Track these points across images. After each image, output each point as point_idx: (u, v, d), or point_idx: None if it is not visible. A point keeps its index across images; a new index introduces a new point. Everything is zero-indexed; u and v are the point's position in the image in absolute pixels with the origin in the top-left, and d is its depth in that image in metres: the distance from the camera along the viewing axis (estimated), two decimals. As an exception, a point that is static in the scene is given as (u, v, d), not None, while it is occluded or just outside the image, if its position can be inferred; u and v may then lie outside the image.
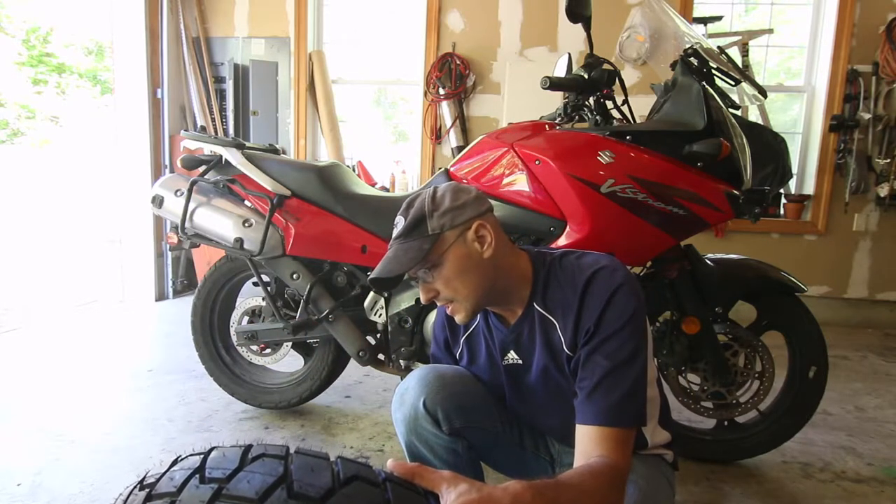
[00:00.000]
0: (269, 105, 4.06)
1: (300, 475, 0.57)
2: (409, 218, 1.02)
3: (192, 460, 0.61)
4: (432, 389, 1.10)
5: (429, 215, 1.01)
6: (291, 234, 1.84)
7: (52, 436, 1.90)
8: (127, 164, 3.79)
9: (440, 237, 1.00)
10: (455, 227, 1.01)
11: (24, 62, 9.96)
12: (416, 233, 1.01)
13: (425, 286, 1.04)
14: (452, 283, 1.01)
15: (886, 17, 3.43)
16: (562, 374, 1.04)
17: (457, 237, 1.01)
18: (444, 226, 1.00)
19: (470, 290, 1.01)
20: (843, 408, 2.32)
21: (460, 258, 1.00)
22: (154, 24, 3.74)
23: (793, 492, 1.69)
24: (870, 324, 3.67)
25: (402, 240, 1.02)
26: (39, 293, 4.07)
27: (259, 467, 0.58)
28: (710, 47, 1.66)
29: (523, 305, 1.06)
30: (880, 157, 3.48)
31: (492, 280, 1.02)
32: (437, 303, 1.05)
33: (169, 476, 0.60)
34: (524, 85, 3.66)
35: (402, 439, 1.14)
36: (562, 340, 1.01)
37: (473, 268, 1.01)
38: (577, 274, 1.01)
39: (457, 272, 1.00)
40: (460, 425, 1.11)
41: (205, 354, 2.15)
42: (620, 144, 1.54)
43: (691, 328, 1.66)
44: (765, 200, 1.66)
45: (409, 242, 1.01)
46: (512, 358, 1.11)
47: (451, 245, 1.00)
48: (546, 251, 1.10)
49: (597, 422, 0.92)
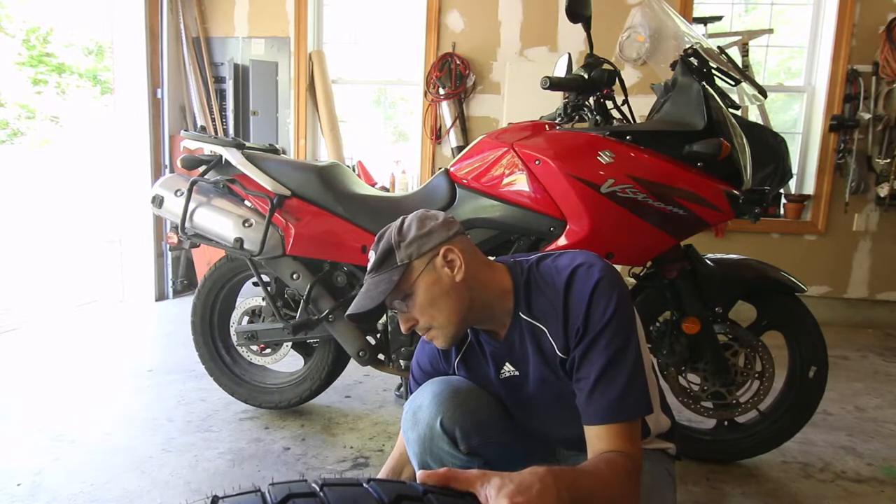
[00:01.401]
0: (269, 105, 4.06)
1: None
2: (378, 252, 1.03)
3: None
4: (449, 407, 1.08)
5: (396, 246, 1.01)
6: (291, 234, 1.84)
7: (52, 436, 1.90)
8: (127, 164, 3.79)
9: (409, 267, 1.00)
10: (422, 256, 1.01)
11: (24, 62, 9.95)
12: (385, 265, 1.01)
13: (403, 316, 1.04)
14: (428, 311, 1.01)
15: (886, 17, 3.43)
16: (559, 379, 1.03)
17: (425, 265, 1.01)
18: (411, 255, 1.01)
19: (446, 316, 1.01)
20: (843, 408, 2.32)
21: (431, 285, 1.00)
22: (154, 24, 3.74)
23: (793, 492, 1.69)
24: (870, 324, 3.67)
25: (374, 274, 1.03)
26: (39, 293, 4.07)
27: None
28: (710, 47, 1.66)
29: (510, 317, 1.05)
30: (880, 157, 3.48)
31: (468, 301, 1.01)
32: (418, 332, 1.05)
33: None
34: (524, 85, 3.66)
35: (414, 459, 1.12)
36: (553, 346, 1.01)
37: (446, 293, 1.00)
38: (555, 277, 1.01)
39: (430, 300, 1.00)
40: (478, 443, 1.09)
41: (205, 354, 2.15)
42: (620, 144, 1.54)
43: (691, 328, 1.66)
44: (765, 200, 1.65)
45: (380, 275, 1.01)
46: (508, 371, 1.10)
47: (420, 273, 1.00)
48: (521, 259, 1.09)
49: (601, 420, 0.92)
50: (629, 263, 1.63)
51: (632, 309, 0.98)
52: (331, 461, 1.79)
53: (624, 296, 0.96)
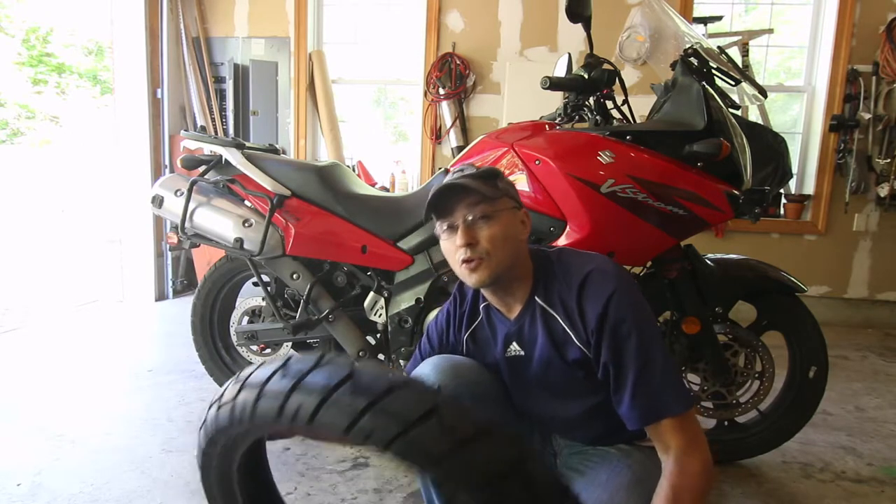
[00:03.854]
0: (269, 105, 4.06)
1: (362, 376, 0.65)
2: (480, 169, 1.11)
3: (276, 363, 0.74)
4: (447, 378, 1.11)
5: (500, 177, 1.11)
6: (291, 234, 1.84)
7: (52, 436, 1.90)
8: (127, 164, 3.78)
9: (503, 198, 1.09)
10: (513, 199, 1.11)
11: (24, 62, 9.95)
12: (489, 181, 1.08)
13: (467, 231, 1.07)
14: (495, 241, 1.06)
15: (886, 17, 3.42)
16: (565, 363, 1.07)
17: (511, 208, 1.10)
18: (507, 192, 1.11)
19: (503, 256, 1.06)
20: (843, 408, 2.32)
21: (509, 225, 1.08)
22: (154, 24, 3.74)
23: (793, 492, 1.69)
24: (870, 324, 3.67)
25: (473, 178, 1.07)
26: (39, 293, 4.07)
27: (329, 369, 0.67)
28: (710, 47, 1.66)
29: (525, 298, 1.11)
30: (880, 157, 3.47)
31: (515, 260, 1.09)
32: (466, 254, 1.07)
33: (257, 373, 0.74)
34: (524, 85, 3.66)
35: None
36: (568, 333, 1.06)
37: (513, 238, 1.08)
38: (573, 275, 1.07)
39: (503, 234, 1.07)
40: None
41: (205, 354, 2.15)
42: (620, 144, 1.54)
43: (691, 328, 1.66)
44: (765, 200, 1.66)
45: (482, 182, 1.07)
46: (514, 350, 1.14)
47: (507, 210, 1.09)
48: (543, 248, 1.16)
49: (647, 422, 0.99)
50: (629, 263, 1.63)
51: (648, 310, 1.04)
52: (331, 461, 1.79)
53: (639, 302, 1.03)
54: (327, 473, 1.72)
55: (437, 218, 1.12)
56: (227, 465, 0.87)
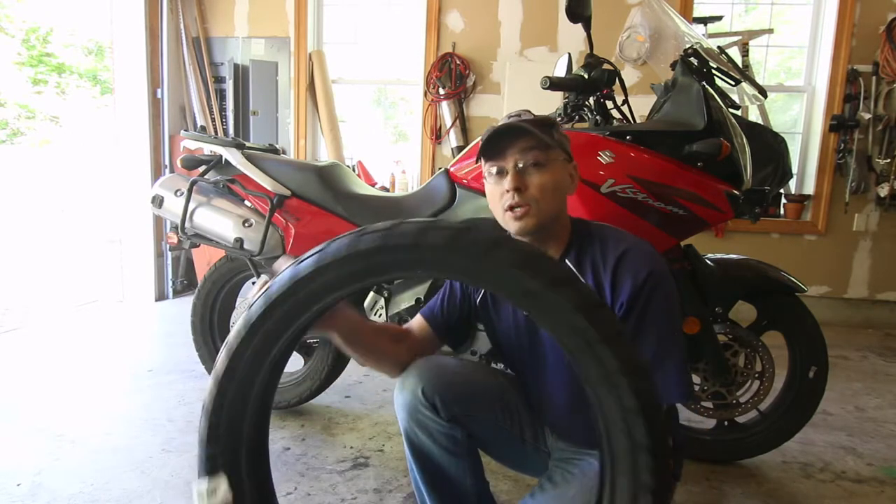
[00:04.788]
0: (269, 105, 4.06)
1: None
2: (537, 117, 1.09)
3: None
4: (431, 377, 1.11)
5: (556, 127, 1.10)
6: (291, 234, 1.84)
7: (52, 436, 1.90)
8: (127, 164, 3.78)
9: (557, 149, 1.08)
10: (566, 153, 1.11)
11: (23, 62, 9.95)
12: (546, 128, 1.07)
13: (518, 176, 1.06)
14: (545, 189, 1.05)
15: (886, 17, 3.43)
16: None
17: (563, 160, 1.10)
18: (562, 143, 1.10)
19: (550, 207, 1.07)
20: (843, 408, 2.32)
21: (561, 176, 1.08)
22: (154, 24, 3.74)
23: (793, 492, 1.69)
24: (870, 324, 3.67)
25: (532, 123, 1.06)
26: (39, 293, 4.07)
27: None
28: (710, 47, 1.67)
29: (555, 257, 1.11)
30: (880, 157, 3.48)
31: (558, 213, 1.09)
32: (514, 199, 1.06)
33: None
34: (524, 85, 3.66)
35: (402, 425, 1.15)
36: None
37: (561, 192, 1.09)
38: (611, 246, 1.06)
39: (553, 183, 1.06)
40: (459, 412, 1.12)
41: (205, 354, 2.15)
42: (620, 144, 1.54)
43: (691, 328, 1.66)
44: (765, 200, 1.66)
45: (539, 127, 1.06)
46: None
47: (560, 161, 1.09)
48: (583, 219, 1.17)
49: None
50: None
51: (677, 301, 1.05)
52: (331, 461, 1.79)
53: (673, 291, 1.04)
54: (327, 473, 1.72)
55: (486, 160, 1.10)
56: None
